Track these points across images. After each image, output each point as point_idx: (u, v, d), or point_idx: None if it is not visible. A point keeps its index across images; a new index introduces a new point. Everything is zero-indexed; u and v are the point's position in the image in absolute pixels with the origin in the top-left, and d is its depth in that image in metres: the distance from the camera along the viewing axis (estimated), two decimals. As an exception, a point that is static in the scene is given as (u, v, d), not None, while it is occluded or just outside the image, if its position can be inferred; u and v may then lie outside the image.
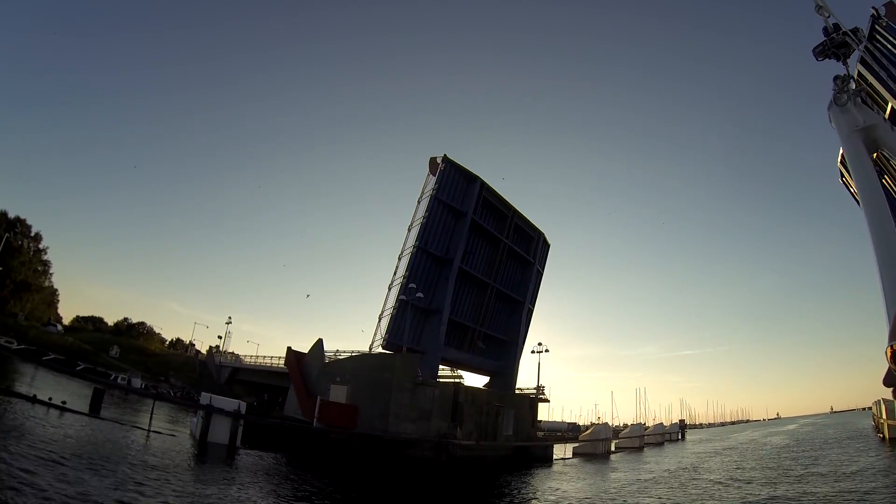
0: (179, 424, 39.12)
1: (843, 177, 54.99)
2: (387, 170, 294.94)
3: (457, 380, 48.76)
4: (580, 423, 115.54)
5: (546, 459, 47.90)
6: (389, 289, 44.40)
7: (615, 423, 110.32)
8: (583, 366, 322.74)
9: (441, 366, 48.23)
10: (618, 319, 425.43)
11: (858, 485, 25.91)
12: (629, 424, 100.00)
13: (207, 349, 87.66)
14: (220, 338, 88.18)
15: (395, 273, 44.49)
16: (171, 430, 34.43)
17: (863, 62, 40.88)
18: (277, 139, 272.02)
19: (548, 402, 60.68)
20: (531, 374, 58.77)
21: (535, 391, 55.70)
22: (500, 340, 53.42)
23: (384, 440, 35.59)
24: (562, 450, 57.47)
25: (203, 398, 33.86)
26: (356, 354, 43.25)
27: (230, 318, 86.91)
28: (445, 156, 46.11)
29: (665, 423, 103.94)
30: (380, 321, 43.81)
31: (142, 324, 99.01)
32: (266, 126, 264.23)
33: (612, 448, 66.14)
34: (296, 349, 49.51)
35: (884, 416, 48.67)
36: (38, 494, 11.96)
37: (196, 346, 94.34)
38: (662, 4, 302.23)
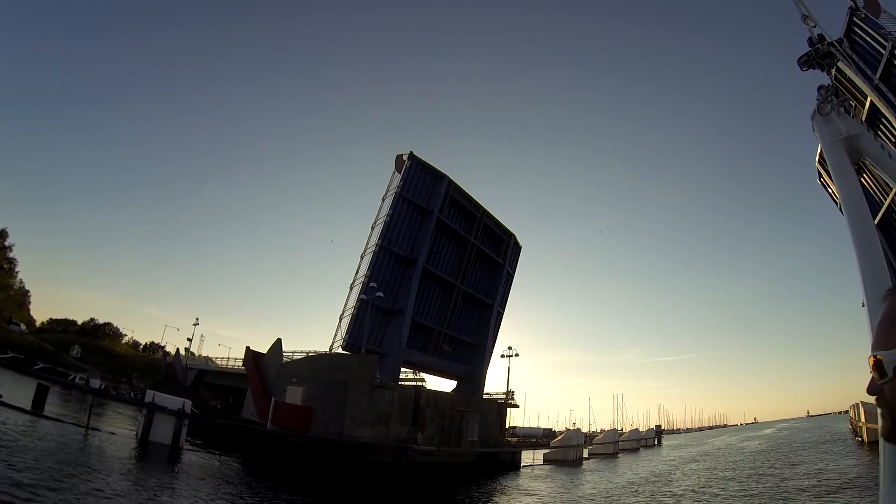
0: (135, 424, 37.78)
1: (822, 176, 54.30)
2: (356, 167, 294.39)
3: (419, 383, 47.31)
4: (556, 430, 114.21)
5: (513, 466, 46.69)
6: (351, 288, 43.07)
7: (592, 430, 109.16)
8: (561, 372, 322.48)
9: (404, 369, 46.88)
10: (597, 326, 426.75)
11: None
12: (606, 430, 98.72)
13: (175, 351, 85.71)
14: (190, 340, 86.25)
15: (357, 272, 43.19)
16: (116, 429, 33.03)
17: (840, 56, 39.83)
18: (259, 144, 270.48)
19: (517, 408, 59.47)
20: (503, 379, 57.44)
21: (505, 396, 54.40)
22: (468, 344, 51.93)
23: (338, 444, 34.11)
24: (530, 456, 56.34)
25: (147, 396, 32.44)
26: (312, 354, 41.75)
27: (197, 320, 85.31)
28: (412, 153, 44.88)
29: (642, 429, 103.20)
30: (340, 321, 42.44)
31: (108, 324, 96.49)
32: (241, 128, 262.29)
33: (586, 455, 65.24)
34: (256, 349, 47.90)
35: (862, 420, 48.06)
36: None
37: (167, 349, 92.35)
38: (638, 12, 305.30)
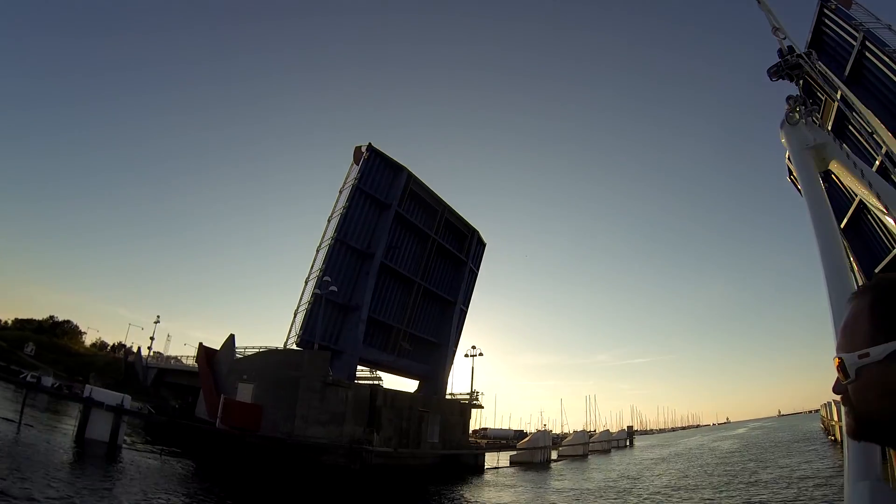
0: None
1: (791, 173, 53.87)
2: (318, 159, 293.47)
3: (375, 382, 45.82)
4: (528, 431, 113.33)
5: (477, 469, 45.39)
6: (306, 283, 41.55)
7: (564, 431, 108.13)
8: (535, 374, 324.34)
9: (362, 367, 45.46)
10: (570, 329, 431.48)
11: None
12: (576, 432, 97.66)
13: (137, 350, 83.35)
14: (152, 339, 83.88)
15: (313, 266, 41.67)
16: (57, 426, 31.69)
17: (812, 47, 39.31)
18: (225, 142, 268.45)
19: (482, 409, 57.91)
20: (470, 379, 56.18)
21: (469, 397, 53.12)
22: (429, 342, 50.62)
23: (288, 444, 32.63)
24: (495, 458, 55.24)
25: (85, 391, 30.99)
26: (263, 350, 40.21)
27: (158, 318, 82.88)
28: (370, 144, 43.60)
29: (614, 430, 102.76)
30: (295, 317, 40.94)
31: (67, 322, 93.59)
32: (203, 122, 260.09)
33: (555, 456, 64.41)
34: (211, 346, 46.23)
35: (835, 419, 47.11)
36: None
37: (130, 349, 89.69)
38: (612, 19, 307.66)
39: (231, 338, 43.61)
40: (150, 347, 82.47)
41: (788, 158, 42.79)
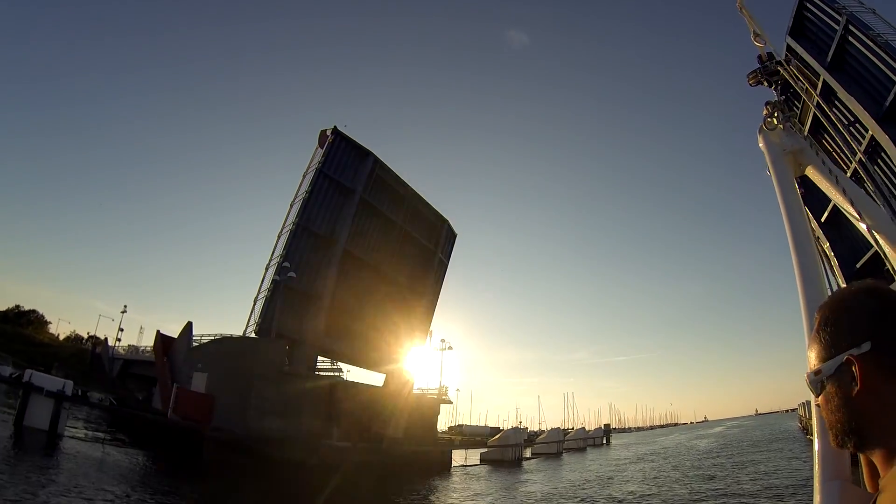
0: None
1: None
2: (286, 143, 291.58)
3: (336, 373, 44.21)
4: (504, 428, 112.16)
5: (444, 466, 43.94)
6: (266, 269, 39.97)
7: (541, 428, 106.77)
8: (514, 370, 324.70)
9: (323, 358, 43.90)
10: (551, 325, 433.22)
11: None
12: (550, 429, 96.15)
13: (104, 340, 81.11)
14: (122, 329, 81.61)
15: (273, 252, 40.04)
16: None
17: (793, 34, 38.24)
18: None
19: (450, 404, 56.29)
20: (442, 374, 54.69)
21: (437, 392, 51.73)
22: (395, 334, 48.48)
23: (240, 437, 31.07)
24: (467, 456, 53.99)
25: (25, 375, 29.34)
26: (218, 338, 38.51)
27: (125, 307, 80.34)
28: (335, 127, 42.09)
29: (590, 428, 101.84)
30: (254, 305, 39.37)
31: (33, 311, 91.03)
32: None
33: (528, 454, 63.60)
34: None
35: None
36: None
37: (99, 339, 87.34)
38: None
39: (188, 325, 41.81)
40: (119, 338, 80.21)
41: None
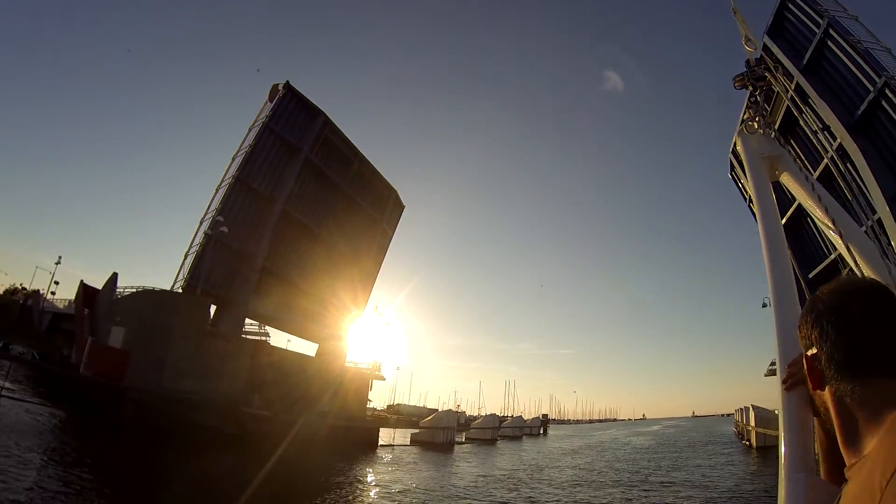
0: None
1: (734, 169, 52.81)
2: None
3: (263, 337, 42.35)
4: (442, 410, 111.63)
5: (370, 445, 42.54)
6: (201, 223, 37.72)
7: (481, 414, 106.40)
8: (458, 355, 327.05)
9: (253, 322, 42.03)
10: (497, 314, 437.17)
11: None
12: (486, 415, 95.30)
13: (33, 292, 77.24)
14: (57, 283, 77.74)
15: (210, 206, 37.86)
16: None
17: (771, 34, 37.68)
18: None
19: (383, 380, 54.76)
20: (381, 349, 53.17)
21: (371, 366, 50.15)
22: (331, 302, 46.75)
23: (155, 397, 29.07)
24: (400, 435, 52.84)
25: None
26: (139, 291, 36.28)
27: (60, 259, 76.79)
28: (288, 82, 39.99)
29: (529, 418, 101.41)
30: (184, 260, 37.20)
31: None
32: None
33: (463, 439, 62.84)
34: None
35: (752, 424, 47.18)
36: None
37: (38, 294, 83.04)
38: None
39: (113, 277, 39.38)
40: (53, 291, 76.59)
41: (732, 152, 41.39)
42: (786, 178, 3.78)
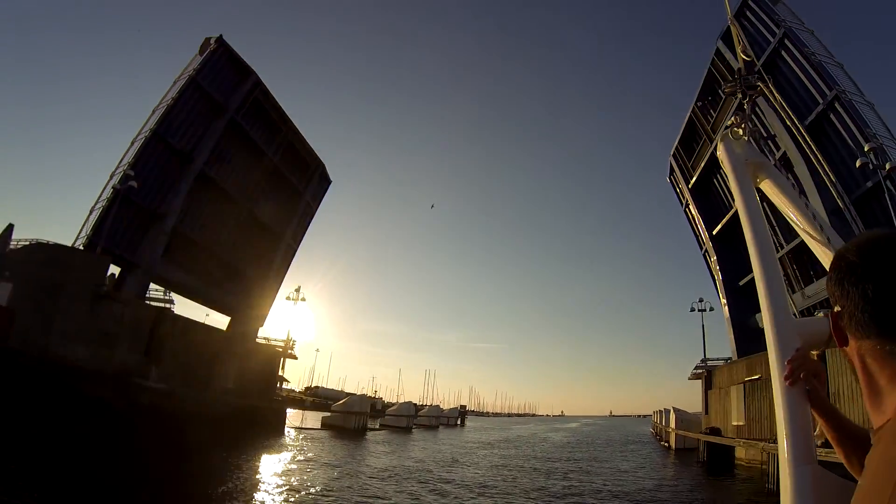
0: None
1: (673, 173, 53.29)
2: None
3: (166, 304, 39.58)
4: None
5: (277, 426, 40.61)
6: (111, 177, 34.75)
7: (400, 401, 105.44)
8: (380, 341, 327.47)
9: (159, 287, 39.33)
10: (423, 304, 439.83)
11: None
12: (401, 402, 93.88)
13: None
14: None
15: (123, 159, 34.89)
16: None
17: (725, 39, 37.87)
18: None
19: (296, 359, 52.24)
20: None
21: (284, 344, 47.87)
22: (245, 275, 44.58)
23: (36, 361, 26.34)
24: (309, 417, 51.04)
25: None
26: (31, 244, 33.13)
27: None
28: (221, 36, 37.39)
29: (447, 408, 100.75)
30: (90, 215, 34.20)
31: None
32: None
33: (377, 425, 61.70)
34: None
35: (672, 426, 46.62)
36: None
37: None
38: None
39: (8, 228, 35.97)
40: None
41: (673, 155, 42.11)
42: (767, 185, 3.66)
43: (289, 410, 72.86)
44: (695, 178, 47.93)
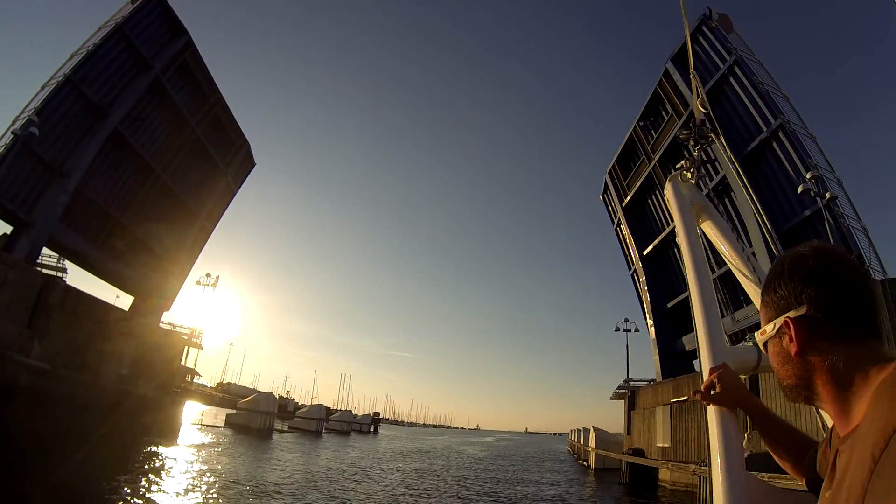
0: None
1: (608, 191, 52.97)
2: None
3: (58, 273, 35.70)
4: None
5: (173, 421, 37.34)
6: (13, 122, 30.90)
7: (314, 403, 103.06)
8: (297, 341, 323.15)
9: (53, 252, 35.54)
10: (343, 307, 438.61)
11: None
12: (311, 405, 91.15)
13: None
14: None
15: (29, 104, 31.07)
16: None
17: (675, 60, 37.55)
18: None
19: (200, 349, 48.78)
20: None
21: (189, 332, 44.56)
22: (153, 251, 40.66)
23: None
24: (212, 414, 48.08)
25: None
26: None
27: None
28: (161, -12, 34.37)
29: (360, 414, 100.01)
30: (-16, 162, 30.27)
31: None
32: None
33: (286, 427, 60.70)
34: None
35: (592, 444, 45.94)
36: None
37: None
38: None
39: None
40: None
41: (609, 173, 41.89)
42: (707, 226, 3.93)
43: (196, 405, 69.31)
44: (629, 198, 48.07)
